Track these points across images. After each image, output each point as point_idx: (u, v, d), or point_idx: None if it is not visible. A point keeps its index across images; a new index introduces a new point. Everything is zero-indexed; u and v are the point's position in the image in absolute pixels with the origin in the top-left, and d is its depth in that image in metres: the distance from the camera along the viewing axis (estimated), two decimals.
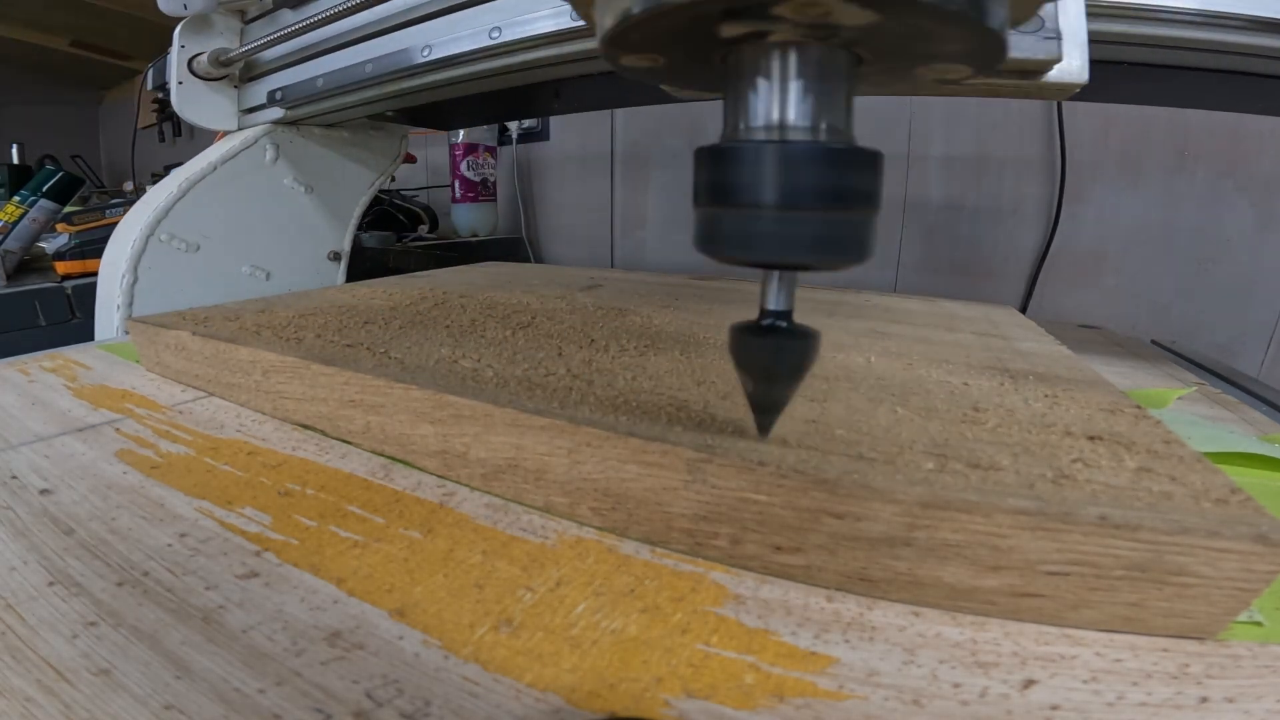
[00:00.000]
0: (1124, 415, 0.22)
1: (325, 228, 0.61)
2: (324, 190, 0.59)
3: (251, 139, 0.54)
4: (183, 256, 0.50)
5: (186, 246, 0.50)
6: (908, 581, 0.16)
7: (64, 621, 0.15)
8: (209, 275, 0.52)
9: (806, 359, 0.16)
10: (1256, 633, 0.16)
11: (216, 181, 0.52)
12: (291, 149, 0.56)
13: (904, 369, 0.27)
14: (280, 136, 0.56)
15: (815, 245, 0.13)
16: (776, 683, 0.14)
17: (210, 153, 0.54)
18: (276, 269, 0.57)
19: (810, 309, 0.41)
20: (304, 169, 0.58)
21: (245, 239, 0.54)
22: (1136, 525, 0.14)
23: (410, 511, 0.21)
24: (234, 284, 0.54)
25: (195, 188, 0.51)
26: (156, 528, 0.19)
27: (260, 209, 0.55)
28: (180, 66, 0.55)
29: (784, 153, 0.13)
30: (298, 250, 0.59)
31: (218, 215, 0.52)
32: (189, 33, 0.54)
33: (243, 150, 0.53)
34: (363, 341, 0.29)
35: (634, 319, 0.35)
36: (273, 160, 0.56)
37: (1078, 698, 0.13)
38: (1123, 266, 0.72)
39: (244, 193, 0.54)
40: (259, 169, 0.55)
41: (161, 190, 0.50)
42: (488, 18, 0.39)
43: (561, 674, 0.14)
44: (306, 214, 0.59)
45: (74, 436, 0.26)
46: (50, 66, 1.97)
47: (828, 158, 0.13)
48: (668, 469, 0.18)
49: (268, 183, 0.56)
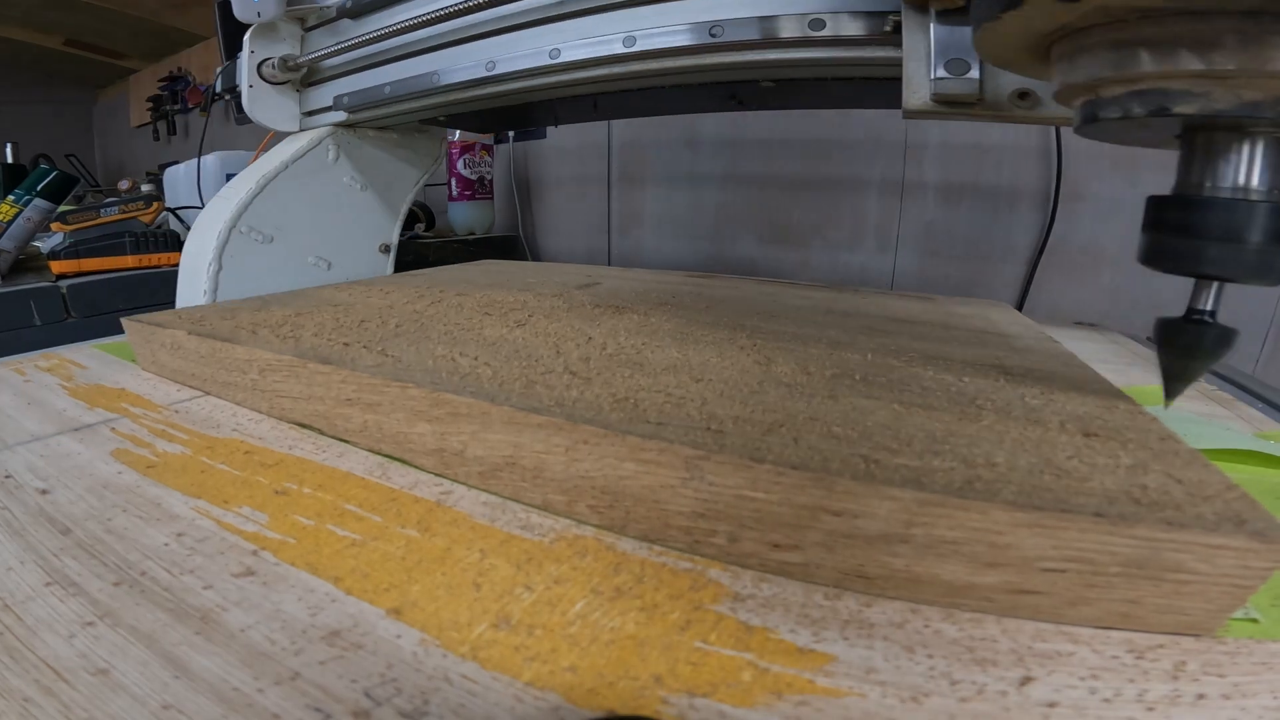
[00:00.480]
0: (1120, 412, 0.22)
1: (377, 222, 0.65)
2: (377, 188, 0.64)
3: (316, 140, 0.59)
4: (259, 247, 0.55)
5: (262, 238, 0.55)
6: (905, 579, 0.16)
7: (61, 621, 0.15)
8: (280, 265, 0.57)
9: (1226, 346, 0.20)
10: (1253, 629, 0.16)
11: (287, 179, 0.57)
12: (349, 149, 0.61)
13: (901, 366, 0.27)
14: (340, 138, 0.60)
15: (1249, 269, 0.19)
16: (774, 680, 0.14)
17: (281, 152, 0.58)
18: (336, 260, 0.61)
19: (809, 307, 0.41)
20: (360, 168, 0.62)
21: (310, 232, 0.59)
22: (1133, 522, 0.14)
23: (408, 510, 0.21)
24: (300, 273, 0.58)
25: (270, 184, 0.55)
26: (153, 527, 0.19)
27: (323, 204, 0.60)
28: (250, 70, 0.58)
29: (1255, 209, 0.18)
30: (354, 243, 0.63)
31: (288, 210, 0.57)
32: (258, 38, 0.58)
33: (309, 150, 0.58)
34: (360, 340, 0.29)
35: (631, 317, 0.35)
36: (334, 160, 0.60)
37: (1075, 694, 0.13)
38: (1119, 263, 0.72)
39: (310, 189, 0.59)
40: (323, 168, 0.60)
41: (240, 185, 0.55)
42: (547, 39, 0.44)
43: (560, 672, 0.14)
44: (362, 209, 0.64)
45: (70, 436, 0.26)
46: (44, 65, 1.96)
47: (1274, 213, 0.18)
48: (665, 467, 0.18)
49: (329, 180, 0.60)
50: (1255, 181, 0.18)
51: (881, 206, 0.84)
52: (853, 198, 0.85)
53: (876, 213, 0.84)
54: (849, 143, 0.84)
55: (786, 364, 0.26)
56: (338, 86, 0.59)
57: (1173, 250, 0.20)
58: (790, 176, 0.89)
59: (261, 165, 0.57)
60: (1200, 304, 0.20)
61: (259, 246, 0.55)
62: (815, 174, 0.87)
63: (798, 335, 0.32)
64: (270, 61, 0.58)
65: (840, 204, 0.86)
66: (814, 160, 0.87)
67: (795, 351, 0.29)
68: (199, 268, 0.52)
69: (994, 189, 0.77)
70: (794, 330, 0.33)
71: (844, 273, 0.88)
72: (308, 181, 0.58)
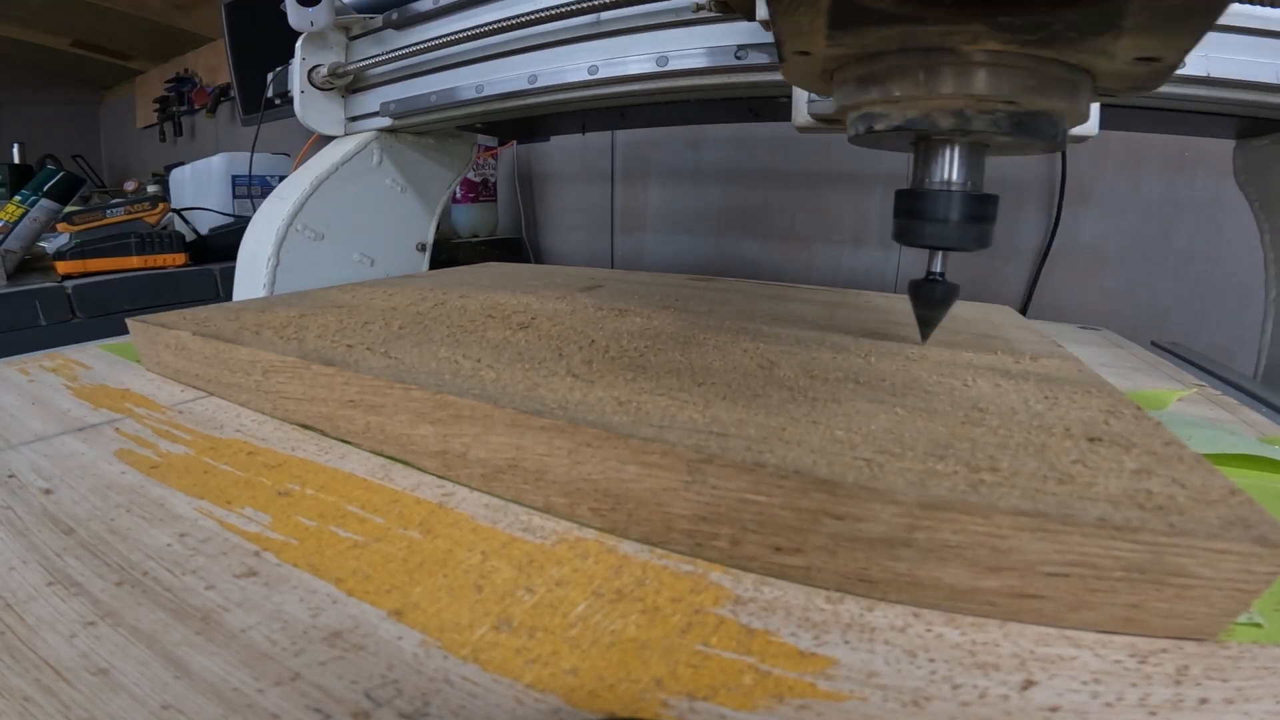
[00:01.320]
0: (1124, 417, 0.22)
1: (415, 222, 0.69)
2: (415, 189, 0.68)
3: (362, 144, 0.62)
4: (311, 244, 0.59)
5: (314, 235, 0.59)
6: (907, 583, 0.16)
7: (63, 621, 0.15)
8: (328, 260, 0.61)
9: (952, 297, 0.28)
10: (1256, 634, 0.16)
11: (337, 181, 0.61)
12: (391, 153, 0.65)
13: (903, 369, 0.27)
14: (383, 142, 0.64)
15: (953, 240, 0.25)
16: (776, 683, 0.14)
17: (330, 155, 0.62)
18: (378, 257, 0.65)
19: (813, 310, 0.41)
20: (401, 171, 0.66)
21: (356, 230, 0.63)
22: (1136, 526, 0.14)
23: (410, 512, 0.21)
24: (346, 269, 0.62)
25: (322, 185, 0.59)
26: (156, 527, 0.19)
27: (367, 205, 0.64)
28: (301, 77, 0.61)
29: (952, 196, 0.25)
30: (394, 241, 0.67)
31: (336, 210, 0.61)
32: (309, 47, 0.61)
33: (356, 154, 0.62)
34: (363, 341, 0.29)
35: (634, 319, 0.35)
36: (378, 163, 0.64)
37: (1077, 699, 0.13)
38: (1123, 267, 0.72)
39: (356, 191, 0.63)
40: (368, 170, 0.63)
41: (295, 186, 0.58)
42: (584, 57, 0.47)
43: (561, 674, 0.14)
44: (401, 210, 0.67)
45: (74, 436, 0.26)
46: (51, 66, 1.97)
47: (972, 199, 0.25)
48: (668, 469, 0.18)
49: (373, 182, 0.64)
50: (955, 176, 0.24)
51: (885, 207, 0.84)
52: (856, 198, 0.85)
53: (880, 213, 0.84)
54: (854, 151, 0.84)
55: (789, 367, 0.26)
56: (382, 94, 0.62)
57: (908, 230, 0.26)
58: (793, 177, 0.89)
59: (313, 167, 0.60)
60: (933, 268, 0.27)
61: (311, 243, 0.58)
62: (818, 174, 0.87)
63: (800, 339, 0.32)
64: (320, 68, 0.61)
65: (843, 205, 0.86)
66: (817, 160, 0.87)
67: (798, 355, 0.29)
68: (258, 263, 0.55)
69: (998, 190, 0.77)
70: (797, 334, 0.33)
71: (847, 274, 0.87)
72: (354, 183, 0.62)
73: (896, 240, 0.27)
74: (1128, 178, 0.70)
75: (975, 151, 0.25)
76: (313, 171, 0.59)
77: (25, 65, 1.95)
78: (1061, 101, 0.21)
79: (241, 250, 0.57)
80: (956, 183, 0.24)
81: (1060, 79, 0.21)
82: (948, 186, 0.25)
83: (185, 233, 0.93)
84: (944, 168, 0.25)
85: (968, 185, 0.25)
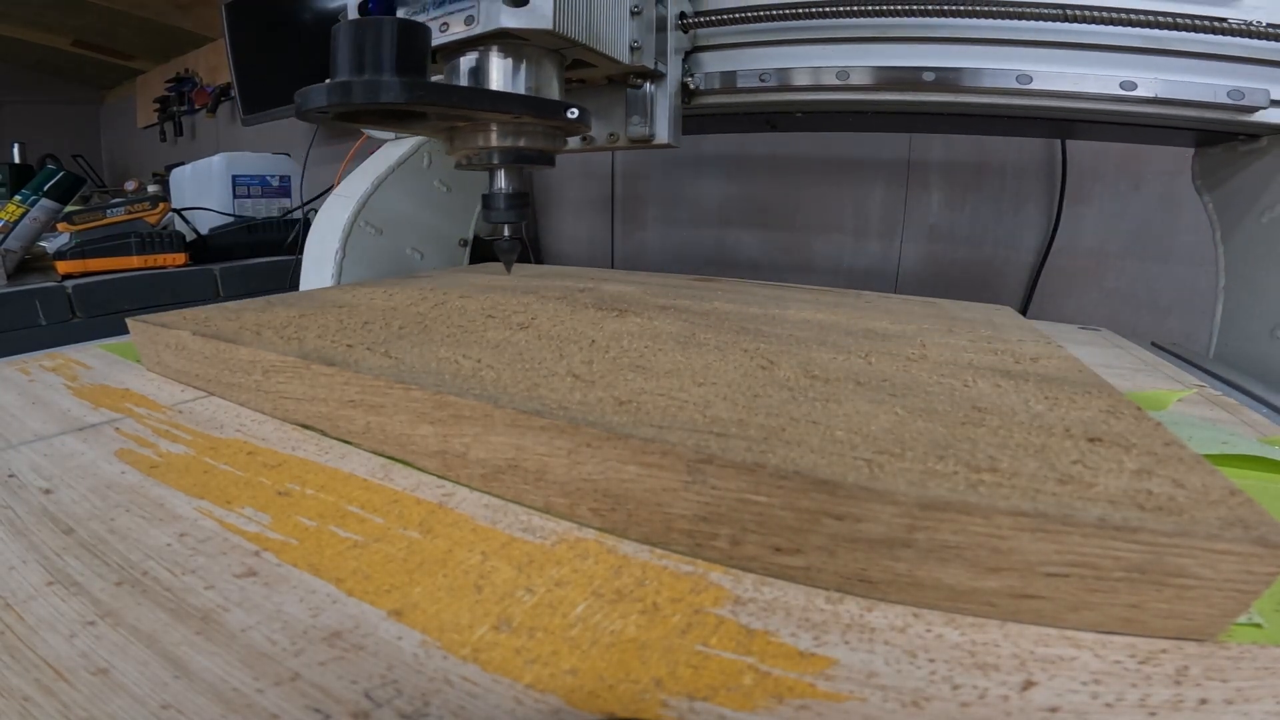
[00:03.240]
0: (1124, 417, 0.22)
1: (458, 219, 0.76)
2: (457, 189, 0.73)
3: (414, 148, 0.68)
4: (372, 238, 0.64)
5: (375, 230, 0.64)
6: (907, 583, 0.16)
7: (63, 621, 0.15)
8: (387, 253, 0.66)
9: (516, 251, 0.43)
10: (1256, 635, 0.16)
11: (394, 180, 0.66)
12: (437, 156, 0.70)
13: (903, 370, 0.27)
14: (431, 146, 0.69)
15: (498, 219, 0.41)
16: (775, 684, 0.14)
17: (388, 156, 0.67)
18: (427, 251, 0.71)
19: (812, 310, 0.41)
20: (446, 172, 0.72)
21: (409, 226, 0.68)
22: (1136, 527, 0.14)
23: (409, 512, 0.21)
24: (401, 262, 0.68)
25: (382, 185, 0.64)
26: (156, 527, 0.19)
27: (419, 203, 0.70)
28: None
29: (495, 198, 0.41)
30: (441, 237, 0.73)
31: (393, 207, 0.66)
32: None
33: (410, 156, 0.67)
34: (363, 341, 0.29)
35: (634, 320, 0.35)
36: (427, 165, 0.70)
37: (1077, 699, 0.13)
38: (1123, 268, 0.72)
39: (410, 190, 0.68)
40: (420, 172, 0.69)
41: (357, 184, 0.64)
42: None
43: (560, 675, 0.14)
44: (447, 208, 0.73)
45: (74, 436, 0.26)
46: (52, 66, 1.97)
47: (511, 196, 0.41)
48: (668, 470, 0.18)
49: (423, 183, 0.70)
50: (503, 185, 0.39)
51: (885, 206, 0.84)
52: (857, 199, 0.85)
53: (880, 213, 0.84)
54: (854, 145, 0.84)
55: (789, 367, 0.26)
56: None
57: (487, 217, 0.40)
58: (795, 178, 0.89)
59: (373, 168, 0.66)
60: (501, 235, 0.41)
61: (372, 238, 0.64)
62: (820, 175, 0.87)
63: (800, 339, 0.32)
64: None
65: (844, 204, 0.86)
66: (819, 162, 0.87)
67: (798, 355, 0.29)
68: (327, 255, 0.61)
69: (998, 191, 0.77)
70: (797, 334, 0.33)
71: (848, 274, 0.87)
72: (408, 183, 0.68)
73: (486, 221, 0.41)
74: (1128, 178, 0.70)
75: (510, 171, 0.39)
76: (372, 172, 0.65)
77: (26, 65, 1.95)
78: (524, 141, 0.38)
79: (308, 244, 0.62)
80: (502, 189, 0.39)
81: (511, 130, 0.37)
82: (500, 190, 0.39)
83: (185, 232, 0.93)
84: (500, 180, 0.39)
85: (509, 188, 0.39)
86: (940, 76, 0.43)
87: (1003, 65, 0.43)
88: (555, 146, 0.40)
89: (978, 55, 0.43)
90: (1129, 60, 0.41)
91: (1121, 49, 0.41)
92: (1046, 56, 0.42)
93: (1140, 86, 0.41)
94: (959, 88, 0.44)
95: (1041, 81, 0.42)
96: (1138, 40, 0.40)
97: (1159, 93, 0.40)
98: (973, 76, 0.43)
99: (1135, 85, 0.41)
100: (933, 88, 0.44)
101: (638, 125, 0.47)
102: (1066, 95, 0.42)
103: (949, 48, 0.44)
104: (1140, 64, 0.41)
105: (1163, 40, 0.40)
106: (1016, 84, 0.42)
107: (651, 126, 0.47)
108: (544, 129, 0.38)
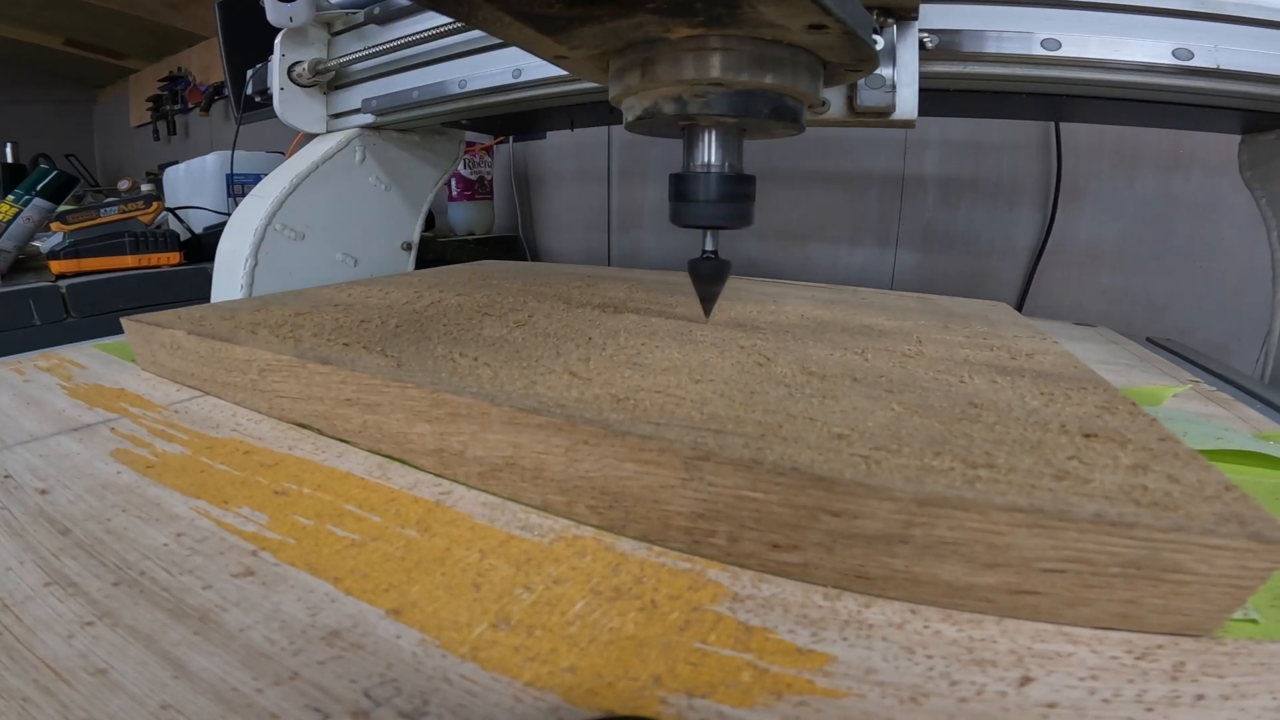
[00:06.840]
0: (1119, 413, 0.22)
1: (400, 221, 0.69)
2: (399, 188, 0.67)
3: (344, 141, 0.61)
4: (291, 244, 0.57)
5: (294, 235, 0.58)
6: (905, 579, 0.16)
7: (60, 621, 0.15)
8: (310, 261, 0.59)
9: (725, 273, 0.30)
10: (1252, 630, 0.16)
11: (318, 179, 0.59)
12: (375, 151, 0.64)
13: (900, 366, 0.27)
14: (366, 140, 0.63)
15: (717, 219, 0.27)
16: (774, 680, 0.14)
17: (311, 153, 0.60)
18: (362, 257, 0.64)
19: (808, 305, 0.41)
20: (384, 169, 0.65)
21: (339, 230, 0.62)
22: (1132, 523, 0.14)
23: (407, 510, 0.21)
24: (329, 269, 0.61)
25: (302, 184, 0.58)
26: (153, 527, 0.19)
27: (350, 204, 0.63)
28: (281, 74, 0.60)
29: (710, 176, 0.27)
30: (379, 240, 0.67)
31: (318, 209, 0.59)
32: (289, 43, 0.60)
33: (338, 151, 0.60)
34: (359, 340, 0.29)
35: (631, 317, 0.35)
36: (360, 161, 0.63)
37: (1074, 695, 0.13)
38: (1119, 264, 0.72)
39: (338, 189, 0.61)
40: (350, 169, 0.62)
41: (274, 184, 0.57)
42: None
43: (559, 672, 0.14)
44: (386, 208, 0.66)
45: (69, 436, 0.26)
46: (44, 65, 1.96)
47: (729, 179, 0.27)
48: (665, 467, 0.18)
49: (356, 181, 0.63)
50: (713, 159, 0.26)
51: (881, 205, 0.84)
52: (853, 196, 0.85)
53: (876, 211, 0.84)
54: (849, 141, 0.84)
55: (786, 364, 0.26)
56: (364, 90, 0.61)
57: (679, 212, 0.28)
58: (790, 175, 0.89)
59: (293, 165, 0.59)
60: (706, 246, 0.29)
61: (291, 243, 0.57)
62: (815, 172, 0.87)
63: (797, 335, 0.32)
64: (300, 65, 0.60)
65: (840, 202, 0.86)
66: (814, 158, 0.87)
67: (794, 351, 0.29)
68: (236, 263, 0.54)
69: (994, 187, 0.77)
70: (793, 330, 0.33)
71: (844, 272, 0.87)
72: (336, 181, 0.61)
73: (673, 222, 0.28)
74: (1123, 175, 0.70)
75: (730, 135, 0.26)
76: (293, 170, 0.58)
77: (18, 64, 1.94)
78: (772, 79, 0.23)
79: (219, 250, 0.56)
80: (716, 165, 0.26)
81: (761, 56, 0.22)
82: (708, 169, 0.26)
83: (179, 232, 0.92)
84: (705, 151, 0.26)
85: (725, 167, 0.26)
86: (942, 41, 0.35)
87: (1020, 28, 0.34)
88: (818, 98, 0.26)
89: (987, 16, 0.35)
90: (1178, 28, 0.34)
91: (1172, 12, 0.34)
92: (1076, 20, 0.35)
93: (1197, 56, 0.33)
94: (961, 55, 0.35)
95: (1072, 48, 0.34)
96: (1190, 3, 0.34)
97: (1220, 63, 0.33)
98: (977, 40, 0.35)
99: (1191, 54, 0.33)
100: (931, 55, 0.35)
101: (875, 91, 0.32)
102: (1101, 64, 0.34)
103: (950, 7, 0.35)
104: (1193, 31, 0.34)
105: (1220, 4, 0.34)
106: (1042, 50, 0.34)
107: (893, 93, 0.33)
108: (808, 66, 0.24)
